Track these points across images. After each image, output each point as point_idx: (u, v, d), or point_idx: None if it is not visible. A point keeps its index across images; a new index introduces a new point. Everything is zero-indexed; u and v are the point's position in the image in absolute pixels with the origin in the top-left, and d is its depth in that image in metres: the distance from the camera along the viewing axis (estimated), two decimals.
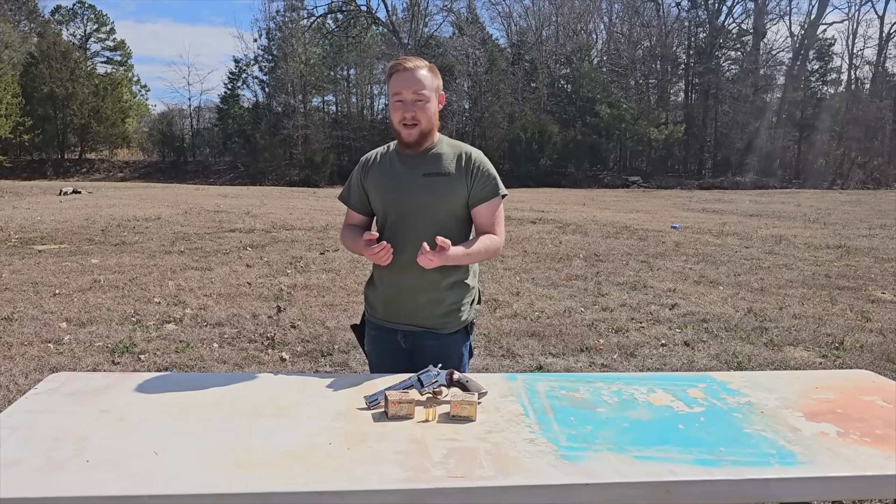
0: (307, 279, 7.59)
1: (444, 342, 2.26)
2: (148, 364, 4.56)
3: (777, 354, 5.22)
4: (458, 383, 1.91)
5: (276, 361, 4.75)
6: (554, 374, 2.25)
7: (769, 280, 8.42)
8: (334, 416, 1.77)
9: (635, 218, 16.53)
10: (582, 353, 5.08)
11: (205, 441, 1.61)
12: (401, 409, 1.77)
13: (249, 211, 16.01)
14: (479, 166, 2.22)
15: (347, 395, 1.92)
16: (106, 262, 8.45)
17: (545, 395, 2.00)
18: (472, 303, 2.31)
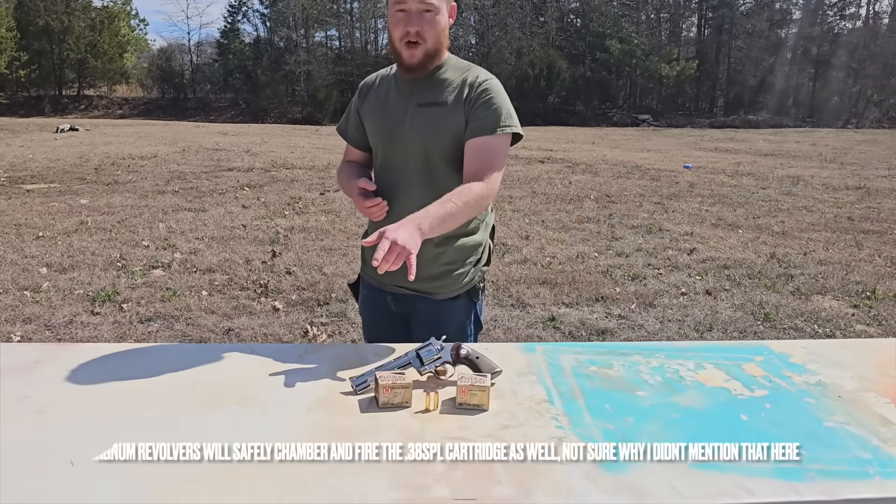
0: (305, 221, 7.22)
1: (440, 309, 1.89)
2: (130, 315, 4.24)
3: (805, 304, 4.88)
4: (466, 360, 1.56)
5: (268, 311, 4.42)
6: (580, 345, 1.90)
7: (790, 223, 8.02)
8: (311, 405, 1.42)
9: (646, 157, 16.02)
10: (597, 303, 4.73)
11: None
12: (394, 395, 1.42)
13: (249, 149, 15.54)
14: (482, 91, 1.79)
15: (330, 374, 1.57)
16: (95, 203, 8.09)
17: (572, 372, 1.64)
18: (476, 263, 1.92)
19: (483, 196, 1.73)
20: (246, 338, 3.93)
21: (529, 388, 1.55)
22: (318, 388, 1.51)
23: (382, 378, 1.44)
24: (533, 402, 1.48)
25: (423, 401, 1.43)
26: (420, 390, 1.49)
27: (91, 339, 3.81)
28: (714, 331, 4.29)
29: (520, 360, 1.71)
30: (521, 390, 1.54)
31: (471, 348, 1.58)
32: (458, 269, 1.88)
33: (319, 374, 1.57)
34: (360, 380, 1.50)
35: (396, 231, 1.52)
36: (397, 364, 1.53)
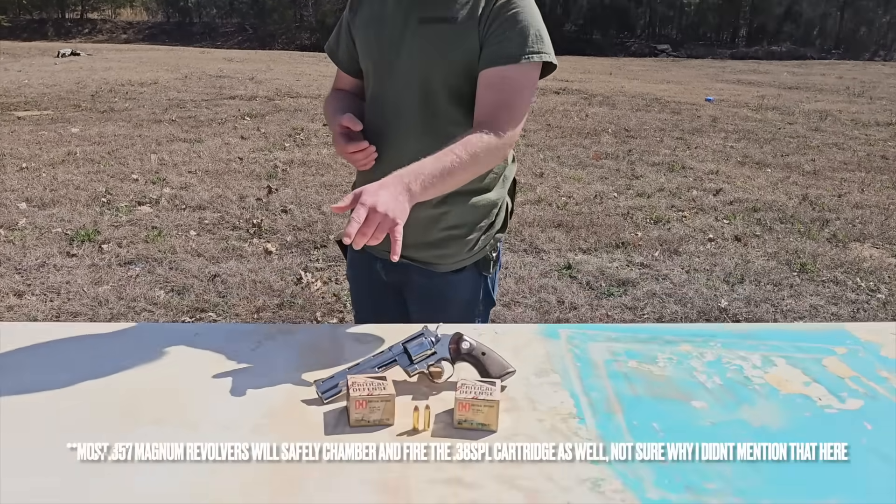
0: (306, 154, 6.81)
1: (440, 284, 1.52)
2: (109, 257, 3.90)
3: (844, 253, 4.48)
4: (468, 357, 1.19)
5: (259, 254, 4.08)
6: (614, 328, 1.53)
7: (821, 162, 7.53)
8: (259, 423, 1.07)
9: (666, 89, 15.33)
10: (617, 250, 4.35)
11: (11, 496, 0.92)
12: (371, 410, 1.06)
13: (254, 76, 14.94)
14: (504, 4, 1.36)
15: (292, 372, 1.21)
16: (87, 132, 7.67)
17: (605, 369, 1.28)
18: (489, 227, 1.53)
19: (498, 147, 1.33)
20: (233, 285, 3.60)
21: (551, 394, 1.19)
22: (272, 395, 1.15)
23: (356, 386, 1.08)
24: (557, 417, 1.12)
25: (409, 416, 1.07)
26: (407, 398, 1.14)
27: (63, 285, 3.49)
28: (745, 283, 3.91)
29: (538, 350, 1.34)
30: (540, 399, 1.18)
31: (475, 341, 1.21)
32: (466, 235, 1.49)
33: (278, 371, 1.21)
34: (327, 384, 1.14)
35: (376, 194, 1.14)
36: (378, 362, 1.17)
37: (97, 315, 3.22)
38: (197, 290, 3.52)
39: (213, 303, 3.41)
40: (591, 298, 3.63)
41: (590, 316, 3.41)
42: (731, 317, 3.49)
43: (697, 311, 3.52)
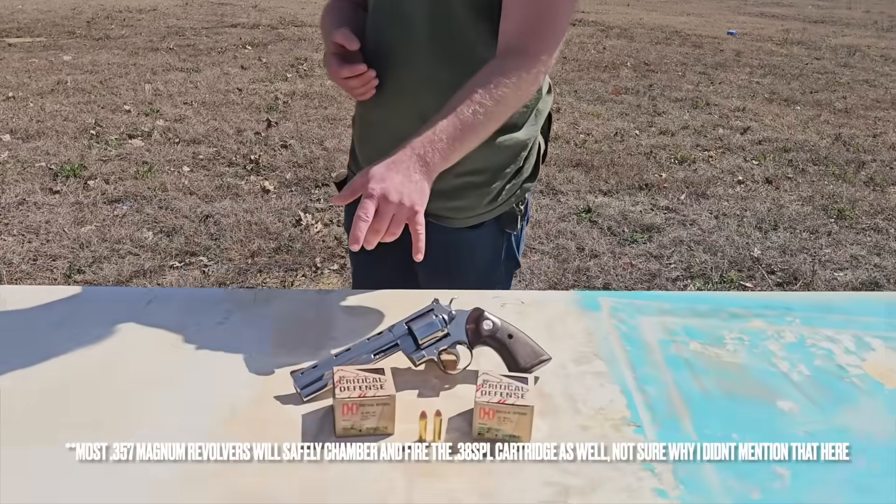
0: (309, 86, 6.45)
1: (454, 242, 1.25)
2: (95, 194, 3.63)
3: (883, 198, 4.17)
4: (492, 340, 0.93)
5: (256, 192, 3.80)
6: (666, 297, 1.26)
7: (852, 99, 7.11)
8: (215, 432, 0.81)
9: (686, 22, 14.67)
10: (640, 192, 4.05)
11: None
12: (363, 416, 0.81)
13: (257, 4, 14.34)
14: None
15: (263, 361, 0.95)
16: (79, 60, 7.30)
17: (662, 354, 1.02)
18: (516, 173, 1.24)
19: (529, 81, 1.05)
20: (226, 227, 3.33)
21: (597, 389, 0.93)
22: (236, 391, 0.89)
23: (344, 383, 0.82)
24: (606, 423, 0.87)
25: (414, 424, 0.82)
26: (411, 394, 0.88)
27: (43, 225, 3.23)
28: (779, 230, 3.63)
29: (576, 326, 1.08)
30: (583, 396, 0.92)
31: (499, 319, 0.95)
32: (487, 184, 1.21)
33: (246, 356, 0.96)
34: (308, 377, 0.88)
35: (385, 177, 0.90)
36: (374, 347, 0.91)
37: (77, 259, 2.97)
38: (187, 232, 3.26)
39: (205, 246, 3.15)
40: (612, 245, 3.36)
41: (612, 265, 3.14)
42: (766, 267, 3.22)
43: (729, 260, 3.25)
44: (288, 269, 3.03)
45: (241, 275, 2.96)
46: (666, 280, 3.04)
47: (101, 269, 2.90)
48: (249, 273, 2.98)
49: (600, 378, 0.95)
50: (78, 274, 2.87)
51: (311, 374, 0.88)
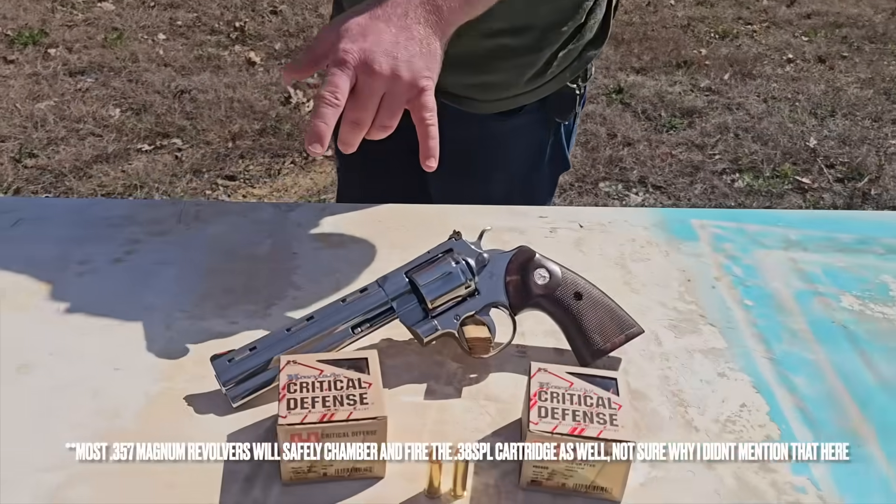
0: None
1: (482, 137, 0.86)
2: (56, 64, 3.18)
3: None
4: (545, 301, 0.56)
5: (241, 65, 3.33)
6: (792, 217, 0.87)
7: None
8: (73, 473, 0.46)
9: None
10: (678, 70, 3.57)
11: None
12: (329, 461, 0.45)
13: None
14: None
15: (179, 329, 0.59)
16: None
17: (805, 317, 0.65)
18: (575, 35, 0.83)
19: None
20: (204, 104, 2.91)
21: (717, 384, 0.57)
22: (123, 384, 0.53)
23: (294, 390, 0.46)
24: (743, 450, 0.51)
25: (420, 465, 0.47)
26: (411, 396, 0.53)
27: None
28: (837, 116, 3.18)
29: (662, 265, 0.71)
30: (696, 396, 0.56)
31: (559, 266, 0.58)
32: (534, 49, 0.81)
33: (157, 313, 0.59)
34: (240, 367, 0.52)
35: (366, 30, 0.55)
36: (355, 314, 0.55)
37: (29, 140, 2.57)
38: (159, 110, 2.84)
39: (179, 126, 2.74)
40: (648, 131, 2.94)
41: (648, 154, 2.74)
42: (824, 160, 2.80)
43: (782, 151, 2.84)
44: (274, 155, 2.64)
45: (219, 160, 2.57)
46: (711, 173, 2.65)
47: (57, 153, 2.51)
48: (230, 159, 2.59)
49: (717, 361, 0.60)
50: (29, 158, 2.48)
51: (247, 360, 0.52)
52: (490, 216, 0.73)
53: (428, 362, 0.57)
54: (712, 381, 0.57)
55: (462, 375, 0.56)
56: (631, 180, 2.62)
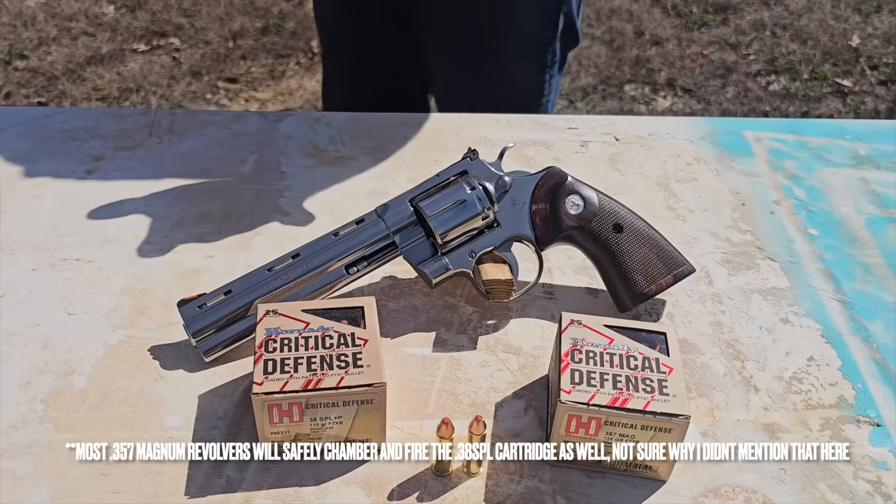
0: None
1: (481, 9, 0.74)
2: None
3: None
4: (580, 235, 0.46)
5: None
6: (857, 128, 0.75)
7: None
8: (19, 440, 0.39)
9: None
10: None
11: None
12: (320, 424, 0.37)
13: None
14: None
15: (146, 261, 0.50)
16: None
17: (880, 251, 0.55)
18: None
19: None
20: (202, 0, 2.72)
21: (779, 331, 0.48)
22: (78, 330, 0.45)
23: (274, 347, 0.37)
24: (810, 415, 0.43)
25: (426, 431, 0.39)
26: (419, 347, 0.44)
27: None
28: (883, 12, 2.95)
29: (712, 185, 0.61)
30: (753, 347, 0.47)
31: (595, 191, 0.48)
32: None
33: (120, 249, 0.51)
34: (212, 315, 0.44)
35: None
36: (349, 250, 0.46)
37: (19, 41, 2.43)
38: (155, 6, 2.67)
39: (176, 24, 2.58)
40: (678, 29, 2.73)
41: (678, 54, 2.56)
42: (867, 61, 2.61)
43: (822, 51, 2.64)
44: (278, 56, 2.48)
45: (219, 61, 2.42)
46: (744, 75, 2.48)
47: (49, 54, 2.37)
48: (230, 59, 2.44)
49: (779, 303, 0.50)
50: (20, 59, 2.35)
51: (221, 307, 0.44)
52: (511, 128, 0.63)
53: (437, 306, 0.48)
54: (773, 330, 0.48)
55: (478, 322, 0.47)
56: (658, 83, 2.45)
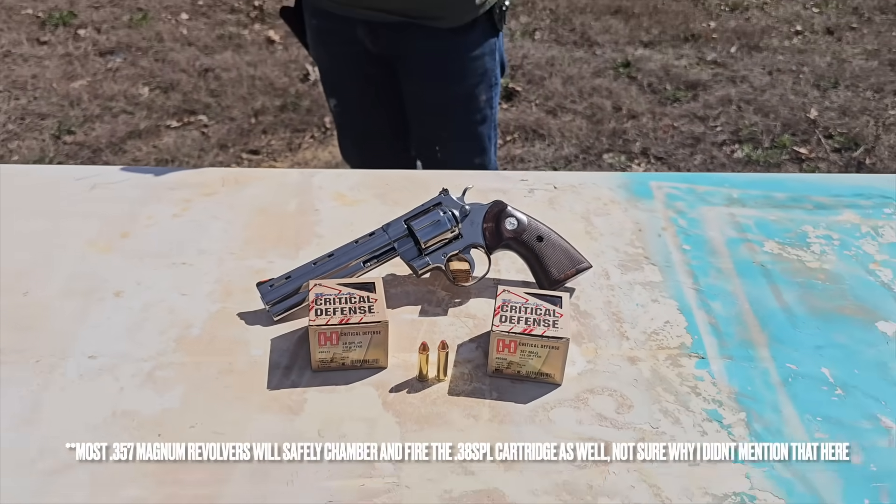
0: None
1: (449, 48, 1.16)
2: (86, 45, 3.34)
3: None
4: (515, 243, 0.72)
5: (261, 43, 3.48)
6: (734, 179, 1.01)
7: None
8: (157, 364, 0.64)
9: None
10: (686, 44, 3.66)
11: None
12: (347, 347, 0.62)
13: None
14: None
15: (227, 268, 0.76)
16: None
17: (731, 258, 0.81)
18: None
19: None
20: (227, 82, 3.06)
21: (649, 307, 0.73)
22: (189, 305, 0.70)
23: (321, 303, 0.62)
24: (661, 353, 0.67)
25: (413, 354, 0.63)
26: (410, 317, 0.69)
27: (30, 80, 2.99)
28: (840, 88, 3.27)
29: (622, 219, 0.86)
30: (631, 314, 0.72)
31: (526, 215, 0.73)
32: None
33: (205, 261, 0.76)
34: (279, 291, 0.69)
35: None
36: (364, 251, 0.71)
37: (67, 118, 2.75)
38: (185, 88, 3.00)
39: (204, 103, 2.90)
40: (653, 104, 3.05)
41: (651, 126, 2.86)
42: (823, 130, 2.91)
43: (782, 122, 2.94)
44: (295, 130, 2.80)
45: (243, 135, 2.73)
46: (711, 144, 2.77)
47: (94, 130, 2.69)
48: (253, 133, 2.75)
49: (653, 290, 0.75)
50: (68, 135, 2.66)
51: (284, 286, 0.69)
52: (477, 179, 0.88)
53: (422, 291, 0.73)
54: (645, 305, 0.73)
55: (448, 300, 0.72)
56: (633, 152, 2.74)
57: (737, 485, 0.55)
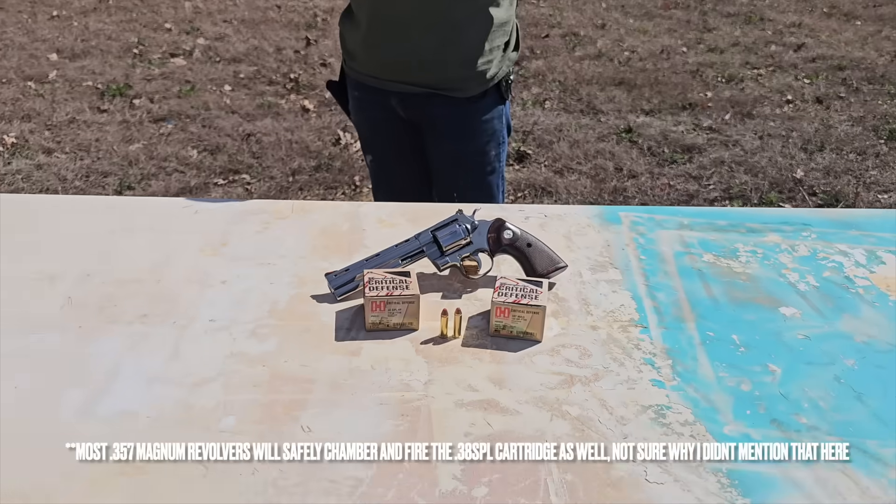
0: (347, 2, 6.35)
1: (465, 113, 1.44)
2: (141, 112, 3.73)
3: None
4: (510, 248, 0.99)
5: (297, 111, 3.85)
6: (686, 212, 1.29)
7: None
8: (260, 325, 0.91)
9: None
10: (684, 112, 3.98)
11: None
12: (391, 313, 0.88)
13: None
14: None
15: (301, 265, 1.03)
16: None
17: (676, 265, 1.07)
18: (504, 47, 1.45)
19: None
20: (267, 145, 3.41)
21: (609, 295, 0.99)
22: (276, 289, 0.98)
23: (373, 283, 0.89)
24: (615, 324, 0.93)
25: (437, 321, 0.89)
26: (435, 296, 0.95)
27: (93, 143, 3.35)
28: (826, 151, 3.55)
29: (595, 238, 1.13)
30: (595, 300, 0.98)
31: (519, 229, 1.00)
32: (486, 54, 1.40)
33: (285, 260, 1.04)
34: (341, 278, 0.96)
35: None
36: (402, 253, 0.98)
37: (127, 176, 3.09)
38: (230, 150, 3.35)
39: (247, 164, 3.24)
40: (651, 166, 3.34)
41: (650, 185, 3.14)
42: (807, 189, 3.18)
43: (770, 181, 3.21)
44: (328, 187, 3.11)
45: (282, 192, 3.05)
46: (704, 201, 3.04)
47: (150, 186, 3.02)
48: (290, 190, 3.07)
49: (613, 285, 1.01)
50: (128, 190, 2.99)
51: (344, 275, 0.96)
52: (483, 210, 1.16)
53: (443, 283, 1.00)
54: (606, 294, 0.99)
55: (462, 288, 0.98)
56: None
57: (659, 400, 0.80)
